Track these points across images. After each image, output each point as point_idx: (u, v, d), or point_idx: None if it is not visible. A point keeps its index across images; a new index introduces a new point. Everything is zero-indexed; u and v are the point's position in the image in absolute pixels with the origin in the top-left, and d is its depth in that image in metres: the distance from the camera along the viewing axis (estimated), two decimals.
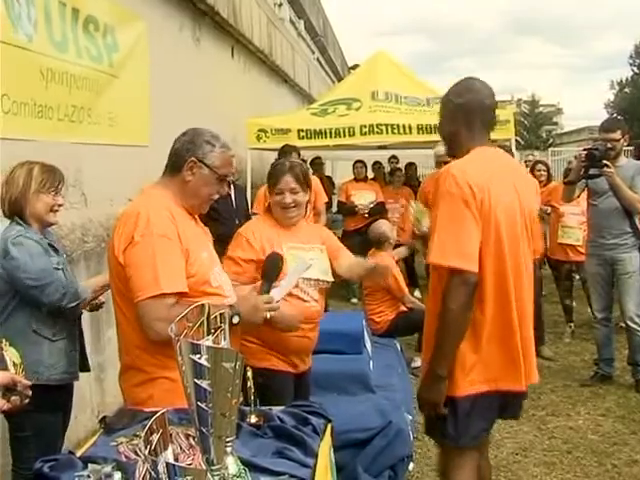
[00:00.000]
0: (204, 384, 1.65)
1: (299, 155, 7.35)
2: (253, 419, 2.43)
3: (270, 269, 2.87)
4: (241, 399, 2.14)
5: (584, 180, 5.60)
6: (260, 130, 8.83)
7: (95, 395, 4.78)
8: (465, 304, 2.57)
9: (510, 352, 2.67)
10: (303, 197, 3.50)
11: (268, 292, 2.76)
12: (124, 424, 2.37)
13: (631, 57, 45.01)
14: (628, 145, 6.15)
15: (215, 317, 1.86)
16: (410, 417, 4.44)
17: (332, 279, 3.54)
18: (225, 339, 1.86)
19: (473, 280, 2.55)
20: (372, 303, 6.32)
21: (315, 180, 7.85)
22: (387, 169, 11.99)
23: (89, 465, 2.04)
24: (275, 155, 7.42)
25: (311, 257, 3.33)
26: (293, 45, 14.17)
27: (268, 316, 2.70)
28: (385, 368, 5.09)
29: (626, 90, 45.14)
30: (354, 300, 9.52)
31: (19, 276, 3.11)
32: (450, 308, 2.57)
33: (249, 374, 2.50)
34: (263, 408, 2.52)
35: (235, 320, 2.56)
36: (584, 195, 5.86)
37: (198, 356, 1.65)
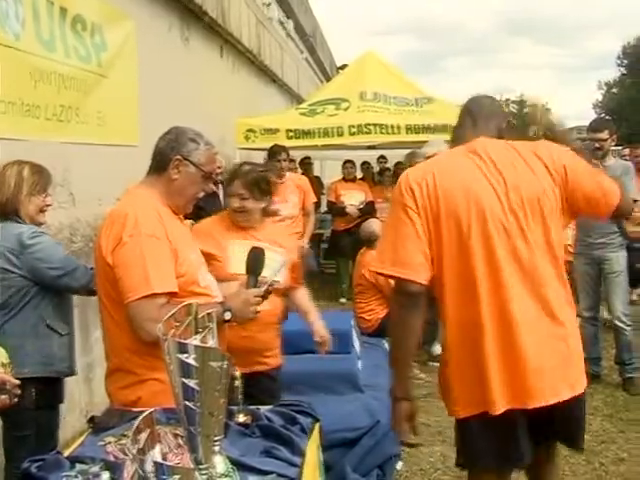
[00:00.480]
0: (192, 383, 1.65)
1: (288, 155, 7.35)
2: (241, 418, 2.42)
3: (254, 263, 2.79)
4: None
5: None
6: (249, 130, 8.84)
7: (83, 395, 4.77)
8: (404, 314, 2.42)
9: (481, 368, 2.38)
10: (253, 204, 3.44)
11: (255, 286, 2.71)
12: (113, 424, 2.36)
13: (619, 58, 45.27)
14: (616, 145, 6.18)
15: (203, 316, 1.87)
16: None
17: (282, 281, 3.38)
18: (213, 338, 1.86)
19: (413, 289, 2.37)
20: (363, 301, 6.32)
21: (304, 180, 7.89)
22: (376, 169, 12.02)
23: (77, 465, 2.03)
24: (264, 155, 7.41)
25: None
26: (282, 45, 14.16)
27: (259, 309, 2.70)
28: (373, 368, 5.08)
29: (614, 90, 45.37)
30: (342, 300, 9.52)
31: (43, 268, 3.16)
32: (391, 318, 2.49)
33: (237, 373, 2.50)
34: (251, 407, 2.52)
35: (227, 316, 2.56)
36: None
37: (186, 355, 1.65)
